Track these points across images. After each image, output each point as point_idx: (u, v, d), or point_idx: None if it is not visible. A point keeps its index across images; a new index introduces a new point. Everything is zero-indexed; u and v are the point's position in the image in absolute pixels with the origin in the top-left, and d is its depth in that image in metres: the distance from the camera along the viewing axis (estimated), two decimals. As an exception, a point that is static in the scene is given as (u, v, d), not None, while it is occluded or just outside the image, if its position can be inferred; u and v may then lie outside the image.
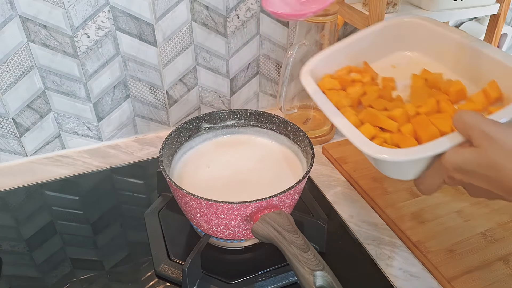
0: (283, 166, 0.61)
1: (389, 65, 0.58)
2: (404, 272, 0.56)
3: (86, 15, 0.66)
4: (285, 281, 0.54)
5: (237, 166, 0.61)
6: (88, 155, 0.78)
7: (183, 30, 0.74)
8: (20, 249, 0.59)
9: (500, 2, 0.75)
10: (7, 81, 0.68)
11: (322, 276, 0.42)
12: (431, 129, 0.44)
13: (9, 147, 0.74)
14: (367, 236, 0.61)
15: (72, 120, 0.76)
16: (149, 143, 0.81)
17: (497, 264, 0.55)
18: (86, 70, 0.71)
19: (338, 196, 0.69)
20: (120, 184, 0.71)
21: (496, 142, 0.37)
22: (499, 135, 0.37)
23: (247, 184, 0.58)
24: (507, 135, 0.37)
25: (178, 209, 0.58)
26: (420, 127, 0.45)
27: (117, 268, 0.56)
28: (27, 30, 0.64)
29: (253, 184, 0.58)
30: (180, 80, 0.79)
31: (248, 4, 0.76)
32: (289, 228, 0.46)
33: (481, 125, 0.38)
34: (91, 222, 0.64)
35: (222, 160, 0.62)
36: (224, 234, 0.53)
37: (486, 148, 0.37)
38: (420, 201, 0.64)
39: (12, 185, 0.70)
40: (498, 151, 0.37)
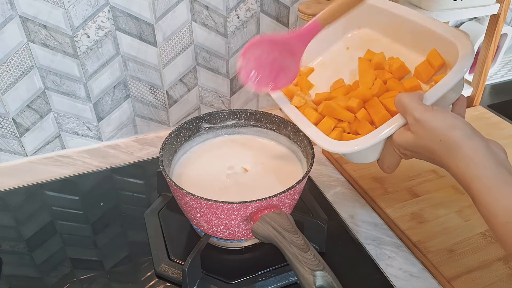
0: (283, 166, 0.61)
1: (344, 47, 0.63)
2: (404, 272, 0.56)
3: (86, 15, 0.66)
4: (285, 281, 0.54)
5: (237, 166, 0.61)
6: (88, 155, 0.78)
7: (183, 30, 0.74)
8: (20, 249, 0.59)
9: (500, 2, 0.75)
10: (7, 81, 0.68)
11: (322, 276, 0.42)
12: (382, 112, 0.49)
13: (9, 147, 0.74)
14: (367, 236, 0.61)
15: (72, 120, 0.76)
16: (149, 143, 0.81)
17: (497, 264, 0.55)
18: (86, 70, 0.71)
19: (338, 196, 0.69)
20: (120, 184, 0.71)
21: (426, 129, 0.42)
22: (427, 122, 0.42)
23: (247, 184, 0.58)
24: (435, 121, 0.42)
25: (178, 209, 0.58)
26: (373, 111, 0.50)
27: (117, 268, 0.56)
28: (27, 30, 0.64)
29: (253, 184, 0.58)
30: (180, 80, 0.79)
31: (248, 4, 0.76)
32: (289, 228, 0.46)
33: (414, 111, 0.43)
34: (91, 222, 0.64)
35: (222, 160, 0.62)
36: (224, 234, 0.53)
37: (419, 134, 0.43)
38: (420, 201, 0.65)
39: (12, 185, 0.70)
40: (428, 136, 0.42)
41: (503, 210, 0.37)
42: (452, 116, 0.42)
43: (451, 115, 0.42)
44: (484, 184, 0.38)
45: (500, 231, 0.37)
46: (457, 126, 0.41)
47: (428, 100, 0.45)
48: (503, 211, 0.36)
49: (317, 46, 0.62)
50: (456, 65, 0.47)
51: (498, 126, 0.84)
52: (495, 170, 0.38)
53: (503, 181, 0.38)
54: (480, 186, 0.38)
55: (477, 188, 0.38)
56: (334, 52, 0.63)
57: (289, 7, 0.79)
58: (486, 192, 0.38)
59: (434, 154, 0.43)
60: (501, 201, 0.37)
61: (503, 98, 0.99)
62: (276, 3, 0.78)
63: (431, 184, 0.68)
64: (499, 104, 0.96)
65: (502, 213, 0.36)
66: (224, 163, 0.62)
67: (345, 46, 0.62)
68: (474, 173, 0.39)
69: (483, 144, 0.40)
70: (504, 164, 0.40)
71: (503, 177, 0.38)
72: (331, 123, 0.52)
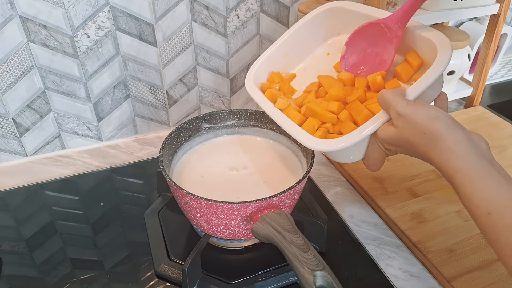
0: (283, 166, 0.61)
1: (324, 53, 0.64)
2: (404, 272, 0.56)
3: (86, 15, 0.66)
4: (285, 281, 0.54)
5: (237, 166, 0.61)
6: (88, 155, 0.78)
7: (183, 30, 0.74)
8: (20, 249, 0.59)
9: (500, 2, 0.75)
10: (7, 81, 0.68)
11: (322, 276, 0.42)
12: (364, 112, 0.50)
13: (9, 147, 0.74)
14: (367, 236, 0.61)
15: (72, 120, 0.76)
16: (149, 143, 0.81)
17: (497, 264, 0.55)
18: (86, 70, 0.71)
19: (338, 196, 0.69)
20: (120, 184, 0.71)
21: (407, 123, 0.43)
22: (409, 116, 0.43)
23: (247, 184, 0.58)
24: (417, 114, 0.42)
25: (178, 209, 0.58)
26: (355, 112, 0.51)
27: (117, 268, 0.56)
28: (27, 30, 0.64)
29: (253, 184, 0.58)
30: (180, 80, 0.79)
31: (248, 4, 0.76)
32: (289, 228, 0.46)
33: (396, 106, 0.44)
34: (91, 222, 0.64)
35: (222, 160, 0.62)
36: (224, 234, 0.53)
37: (402, 128, 0.44)
38: (420, 201, 0.65)
39: (12, 185, 0.70)
40: (410, 130, 0.43)
41: (483, 200, 0.37)
42: (434, 109, 0.42)
43: (433, 108, 0.43)
44: (466, 175, 0.38)
45: (482, 222, 0.37)
46: (439, 119, 0.41)
47: (409, 96, 0.46)
48: (483, 201, 0.37)
49: (300, 52, 0.64)
50: (435, 62, 0.47)
51: (498, 126, 0.84)
52: (476, 161, 0.38)
53: (484, 172, 0.38)
54: (462, 177, 0.38)
55: (460, 179, 0.39)
56: (315, 58, 0.64)
57: (289, 7, 0.79)
58: (468, 183, 0.38)
59: (417, 147, 0.43)
60: (482, 191, 0.37)
61: (503, 98, 0.99)
62: (276, 3, 0.78)
63: (431, 184, 0.68)
64: (499, 104, 0.96)
65: (483, 203, 0.37)
66: (224, 163, 0.62)
67: (326, 52, 0.63)
68: (457, 165, 0.39)
69: (465, 136, 0.40)
70: (486, 155, 0.40)
71: (484, 168, 0.38)
72: (315, 124, 0.52)
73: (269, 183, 0.58)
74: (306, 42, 0.63)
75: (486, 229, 0.37)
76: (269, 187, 0.57)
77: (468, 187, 0.38)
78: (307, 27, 0.62)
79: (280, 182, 0.58)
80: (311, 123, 0.52)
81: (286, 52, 0.63)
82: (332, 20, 0.62)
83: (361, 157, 0.52)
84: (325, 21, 0.62)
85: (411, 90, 0.46)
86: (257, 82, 0.61)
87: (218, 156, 0.63)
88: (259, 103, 0.58)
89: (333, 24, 0.62)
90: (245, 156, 0.63)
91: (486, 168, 0.38)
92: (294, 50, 0.63)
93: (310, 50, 0.64)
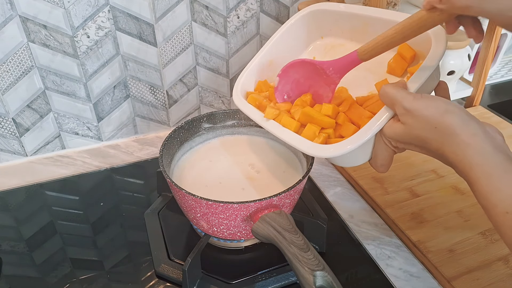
0: (283, 166, 0.61)
1: (311, 56, 0.61)
2: (404, 272, 0.56)
3: (86, 15, 0.66)
4: (285, 281, 0.54)
5: (237, 166, 0.61)
6: (88, 155, 0.78)
7: (183, 30, 0.74)
8: (20, 249, 0.59)
9: (500, 2, 0.75)
10: (7, 81, 0.68)
11: (322, 276, 0.42)
12: (365, 113, 0.48)
13: (9, 147, 0.74)
14: (367, 236, 0.61)
15: (72, 120, 0.76)
16: (149, 143, 0.81)
17: (497, 264, 0.55)
18: (86, 70, 0.71)
19: (338, 196, 0.69)
20: (120, 184, 0.71)
21: (417, 118, 0.40)
22: (418, 111, 0.40)
23: (247, 184, 0.58)
24: (427, 109, 0.40)
25: (178, 209, 0.58)
26: (355, 116, 0.49)
27: (117, 268, 0.56)
28: (27, 30, 0.64)
29: (253, 184, 0.58)
30: (180, 80, 0.79)
31: (248, 4, 0.76)
32: (289, 228, 0.46)
33: (403, 101, 0.41)
34: (91, 222, 0.64)
35: (222, 160, 0.62)
36: (224, 234, 0.53)
37: (411, 125, 0.41)
38: (420, 201, 0.65)
39: (12, 185, 0.70)
40: (420, 125, 0.40)
41: (502, 200, 0.35)
42: (444, 102, 0.40)
43: (443, 101, 0.40)
44: (483, 171, 0.36)
45: (499, 222, 0.36)
46: (451, 112, 0.39)
47: (410, 88, 0.44)
48: (502, 201, 0.35)
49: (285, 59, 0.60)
50: (431, 51, 0.45)
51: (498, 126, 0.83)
52: (494, 156, 0.36)
53: (502, 169, 0.36)
54: (479, 173, 0.37)
55: (476, 176, 0.37)
56: None
57: (289, 7, 0.79)
58: (485, 180, 0.36)
59: (428, 143, 0.41)
60: (501, 190, 0.35)
61: (503, 98, 0.99)
62: (276, 3, 0.78)
63: (431, 184, 0.68)
64: (499, 104, 0.96)
65: (501, 203, 0.35)
66: (224, 163, 0.62)
67: (312, 56, 0.62)
68: (473, 160, 0.37)
69: (480, 129, 0.38)
70: (502, 149, 0.38)
71: (502, 164, 0.36)
72: (315, 130, 0.49)
73: (269, 183, 0.58)
74: (290, 48, 0.62)
75: (504, 228, 0.35)
76: (269, 187, 0.57)
77: (485, 185, 0.36)
78: (290, 33, 0.61)
79: (280, 182, 0.58)
80: (311, 129, 0.50)
81: (271, 60, 0.61)
82: (314, 24, 0.60)
83: (368, 158, 0.50)
84: (307, 25, 0.60)
85: (412, 83, 0.44)
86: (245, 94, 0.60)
87: (218, 156, 0.63)
88: (249, 115, 0.56)
89: (315, 27, 0.60)
90: (245, 156, 0.63)
91: (504, 164, 0.36)
92: (279, 57, 0.61)
93: (295, 56, 0.62)
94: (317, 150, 0.47)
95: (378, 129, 0.44)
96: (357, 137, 0.45)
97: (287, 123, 0.52)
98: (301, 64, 0.54)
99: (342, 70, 0.50)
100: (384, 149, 0.46)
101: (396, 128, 0.43)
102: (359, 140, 0.45)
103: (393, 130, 0.43)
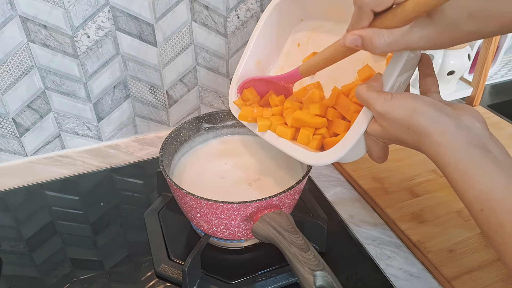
0: (283, 166, 0.61)
1: (295, 44, 0.61)
2: (404, 272, 0.56)
3: (86, 15, 0.66)
4: (285, 281, 0.54)
5: (237, 166, 0.61)
6: (88, 155, 0.78)
7: (183, 30, 0.74)
8: (20, 249, 0.59)
9: (500, 2, 0.75)
10: (7, 81, 0.68)
11: (322, 276, 0.42)
12: (352, 107, 0.48)
13: (9, 147, 0.74)
14: (367, 236, 0.61)
15: (72, 120, 0.76)
16: (149, 143, 0.81)
17: (497, 264, 0.55)
18: (86, 70, 0.71)
19: (338, 196, 0.69)
20: (120, 184, 0.71)
21: (389, 121, 0.41)
22: (389, 113, 0.40)
23: (247, 184, 0.58)
24: (395, 111, 0.40)
25: (178, 209, 0.58)
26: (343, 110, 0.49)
27: (117, 268, 0.56)
28: (27, 30, 0.64)
29: (253, 184, 0.58)
30: (180, 80, 0.79)
31: (248, 4, 0.76)
32: (289, 228, 0.46)
33: (374, 105, 0.41)
34: (91, 222, 0.64)
35: (222, 160, 0.62)
36: (224, 234, 0.53)
37: (386, 127, 0.41)
38: (420, 201, 0.65)
39: (12, 185, 0.70)
40: (394, 127, 0.41)
41: (475, 196, 0.35)
42: (413, 101, 0.39)
43: (412, 100, 0.39)
44: (456, 169, 0.36)
45: (478, 220, 0.36)
46: (419, 112, 0.38)
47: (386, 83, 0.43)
48: (475, 197, 0.35)
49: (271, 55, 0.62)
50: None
51: (498, 126, 0.84)
52: (465, 153, 0.36)
53: (474, 164, 0.35)
54: (452, 172, 0.36)
55: (450, 174, 0.37)
56: (288, 54, 0.62)
57: (289, 7, 0.79)
58: (459, 178, 0.36)
59: (406, 142, 0.41)
60: (474, 187, 0.35)
61: (503, 98, 0.99)
62: (276, 3, 0.78)
63: (431, 184, 0.68)
64: (499, 104, 0.96)
65: (475, 200, 0.35)
66: (224, 163, 0.62)
67: (296, 43, 0.61)
68: (445, 159, 0.37)
69: (451, 124, 0.37)
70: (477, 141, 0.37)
71: (474, 159, 0.36)
72: (308, 134, 0.50)
73: (269, 183, 0.58)
74: (273, 43, 0.61)
75: (482, 226, 0.35)
76: (269, 187, 0.57)
77: (460, 183, 0.36)
78: (268, 28, 0.60)
79: (280, 182, 0.58)
80: (305, 134, 0.50)
81: (258, 61, 0.61)
82: (288, 10, 0.59)
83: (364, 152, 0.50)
84: (282, 14, 0.59)
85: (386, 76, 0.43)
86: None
87: (218, 156, 0.63)
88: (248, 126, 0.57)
89: (291, 13, 0.59)
90: (245, 156, 0.63)
91: (476, 159, 0.35)
92: (264, 55, 0.61)
93: (280, 48, 0.62)
94: (313, 159, 0.48)
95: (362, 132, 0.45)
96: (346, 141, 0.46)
97: (282, 133, 0.52)
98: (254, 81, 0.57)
99: (291, 82, 0.56)
100: (374, 144, 0.47)
101: (376, 129, 0.43)
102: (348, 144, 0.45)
103: (374, 130, 0.43)
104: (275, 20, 0.60)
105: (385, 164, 0.72)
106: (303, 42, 0.60)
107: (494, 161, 0.35)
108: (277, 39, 0.62)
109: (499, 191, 0.34)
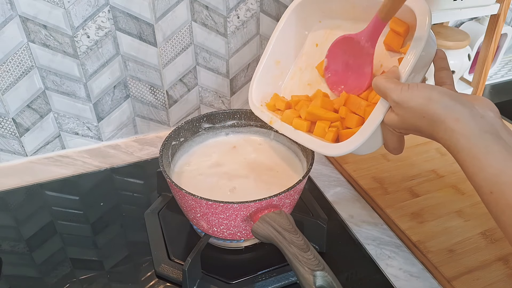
0: (283, 166, 0.61)
1: (313, 44, 0.62)
2: (404, 272, 0.56)
3: (86, 15, 0.66)
4: (285, 281, 0.54)
5: (237, 166, 0.61)
6: (88, 155, 0.78)
7: (183, 30, 0.74)
8: (20, 249, 0.59)
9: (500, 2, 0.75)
10: (7, 81, 0.68)
11: (322, 276, 0.42)
12: (363, 103, 0.50)
13: (9, 147, 0.74)
14: (367, 236, 0.61)
15: (72, 120, 0.76)
16: (149, 143, 0.81)
17: (497, 264, 0.55)
18: (86, 70, 0.71)
19: (338, 196, 0.69)
20: (120, 184, 0.71)
21: (405, 110, 0.42)
22: (406, 102, 0.42)
23: (247, 184, 0.58)
24: (412, 100, 0.41)
25: (178, 209, 0.58)
26: (354, 107, 0.51)
27: (117, 268, 0.56)
28: (27, 30, 0.64)
29: (253, 184, 0.58)
30: (180, 80, 0.79)
31: (248, 4, 0.76)
32: (289, 228, 0.46)
33: (392, 94, 0.43)
34: (91, 222, 0.64)
35: (222, 160, 0.62)
36: (224, 234, 0.53)
37: (402, 115, 0.43)
38: (420, 201, 0.65)
39: (12, 185, 0.70)
40: (410, 115, 0.42)
41: (486, 179, 0.36)
42: (428, 89, 0.41)
43: (428, 89, 0.41)
44: (469, 154, 0.37)
45: (486, 202, 0.37)
46: (434, 100, 0.40)
47: (402, 74, 0.45)
48: (486, 180, 0.36)
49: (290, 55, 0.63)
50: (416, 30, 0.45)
51: (498, 126, 0.84)
52: (478, 139, 0.37)
53: (486, 149, 0.37)
54: (464, 156, 0.38)
55: (463, 159, 0.38)
56: (307, 54, 0.63)
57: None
58: (470, 162, 0.37)
59: (421, 131, 0.43)
60: (484, 170, 0.36)
61: (503, 98, 0.99)
62: (276, 3, 0.78)
63: (431, 184, 0.68)
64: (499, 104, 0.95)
65: (485, 182, 0.36)
66: (224, 163, 0.62)
67: (314, 44, 0.62)
68: (459, 144, 0.38)
69: (465, 112, 0.39)
70: (490, 128, 0.38)
71: (486, 145, 0.37)
72: (324, 126, 0.52)
73: (269, 183, 0.58)
74: (291, 43, 0.62)
75: (491, 207, 0.37)
76: (269, 187, 0.57)
77: (471, 167, 0.37)
78: (287, 29, 0.61)
79: (280, 182, 0.58)
80: (321, 126, 0.52)
81: (277, 60, 0.62)
82: (307, 11, 0.60)
83: (381, 144, 0.51)
84: (301, 15, 0.61)
85: (403, 68, 0.45)
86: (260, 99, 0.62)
87: (218, 156, 0.63)
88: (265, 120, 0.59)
89: (310, 14, 0.61)
90: (245, 156, 0.63)
91: (489, 145, 0.37)
92: (283, 55, 0.62)
93: (299, 48, 0.63)
94: (332, 150, 0.50)
95: (379, 121, 0.46)
96: (363, 131, 0.47)
97: (298, 125, 0.54)
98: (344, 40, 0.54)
99: (373, 37, 0.50)
100: (391, 135, 0.48)
101: (393, 119, 0.45)
102: (366, 134, 0.47)
103: (391, 120, 0.45)
104: (295, 21, 0.61)
105: (385, 164, 0.72)
106: (320, 42, 0.61)
107: (506, 148, 0.37)
108: (296, 39, 0.63)
109: (509, 175, 0.35)
